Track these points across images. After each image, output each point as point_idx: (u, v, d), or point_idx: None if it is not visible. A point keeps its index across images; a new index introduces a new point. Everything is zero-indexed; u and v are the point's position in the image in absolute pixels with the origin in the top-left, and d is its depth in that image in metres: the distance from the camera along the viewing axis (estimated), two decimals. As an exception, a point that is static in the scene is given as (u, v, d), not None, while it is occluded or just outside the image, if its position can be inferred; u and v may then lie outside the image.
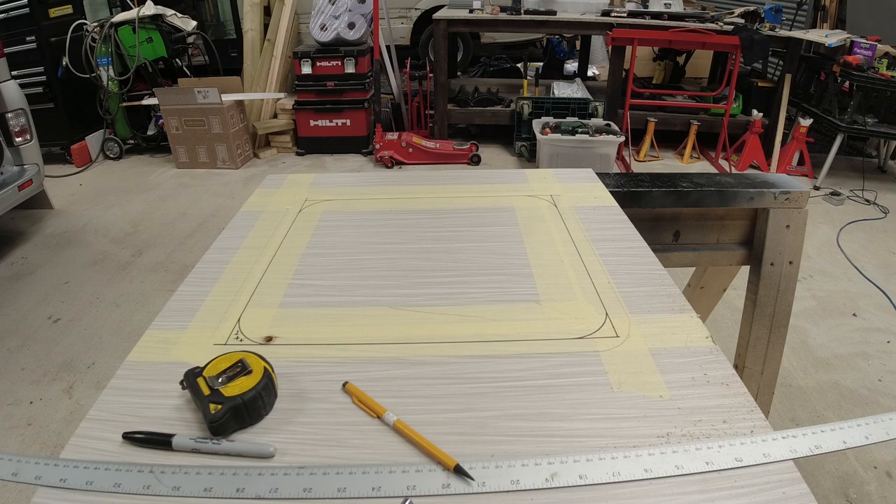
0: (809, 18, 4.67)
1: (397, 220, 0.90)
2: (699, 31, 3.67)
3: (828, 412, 1.82)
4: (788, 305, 1.16)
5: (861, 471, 1.59)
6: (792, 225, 1.11)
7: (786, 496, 0.43)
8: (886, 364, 2.04)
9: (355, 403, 0.53)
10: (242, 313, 0.66)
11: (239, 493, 0.44)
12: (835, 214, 3.25)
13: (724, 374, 0.56)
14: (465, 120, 4.24)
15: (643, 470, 0.45)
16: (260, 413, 0.51)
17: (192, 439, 0.48)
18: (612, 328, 0.63)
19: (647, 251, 0.79)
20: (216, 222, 3.07)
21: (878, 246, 2.91)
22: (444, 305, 0.68)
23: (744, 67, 4.26)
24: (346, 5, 3.84)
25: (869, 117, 3.48)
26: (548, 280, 0.72)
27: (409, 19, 5.58)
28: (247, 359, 0.52)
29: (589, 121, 3.58)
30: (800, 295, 2.11)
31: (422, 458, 0.47)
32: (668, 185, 1.10)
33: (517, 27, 4.04)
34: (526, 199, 0.96)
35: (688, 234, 1.15)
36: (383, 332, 0.63)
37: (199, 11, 5.01)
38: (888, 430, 0.49)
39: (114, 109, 3.87)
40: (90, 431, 0.50)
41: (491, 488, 0.44)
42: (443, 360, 0.58)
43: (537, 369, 0.57)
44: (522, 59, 4.73)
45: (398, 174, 1.13)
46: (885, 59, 3.38)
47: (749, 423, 0.50)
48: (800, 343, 2.15)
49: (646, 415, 0.51)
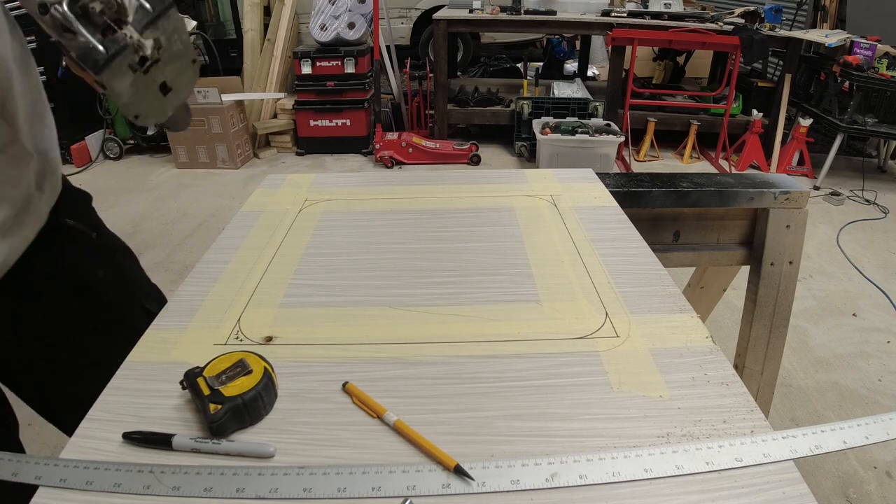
0: (809, 18, 4.67)
1: (397, 220, 0.90)
2: (699, 31, 3.67)
3: (828, 412, 1.82)
4: (788, 305, 1.16)
5: (861, 471, 1.59)
6: (792, 225, 1.11)
7: (786, 496, 0.43)
8: (886, 364, 2.04)
9: (355, 403, 0.53)
10: (242, 313, 0.66)
11: (239, 493, 0.44)
12: (835, 214, 3.25)
13: (724, 374, 0.56)
14: (465, 120, 4.24)
15: (643, 470, 0.45)
16: (260, 413, 0.51)
17: (192, 439, 0.48)
18: (612, 328, 0.63)
19: (647, 251, 0.79)
20: (216, 222, 3.07)
21: (878, 246, 2.91)
22: (444, 305, 0.68)
23: (744, 67, 4.26)
24: (346, 5, 3.84)
25: (869, 117, 3.48)
26: (548, 280, 0.72)
27: (409, 19, 5.58)
28: (247, 359, 0.52)
29: (589, 121, 3.58)
30: (800, 295, 2.11)
31: (422, 458, 0.47)
32: (668, 185, 1.10)
33: (517, 27, 4.04)
34: (526, 199, 0.96)
35: (688, 234, 1.15)
36: (383, 332, 0.63)
37: (199, 11, 5.00)
38: (888, 430, 0.50)
39: (113, 110, 3.87)
40: (90, 431, 0.50)
41: (491, 488, 0.44)
42: (443, 360, 0.58)
43: (537, 369, 0.57)
44: (522, 59, 4.73)
45: (398, 174, 1.13)
46: (885, 59, 3.38)
47: (749, 423, 0.50)
48: (800, 343, 2.15)
49: (646, 415, 0.51)
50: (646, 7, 3.90)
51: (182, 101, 0.65)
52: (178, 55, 0.60)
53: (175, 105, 0.64)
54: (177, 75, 0.61)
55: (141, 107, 0.59)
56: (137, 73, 0.56)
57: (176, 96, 0.63)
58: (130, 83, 0.56)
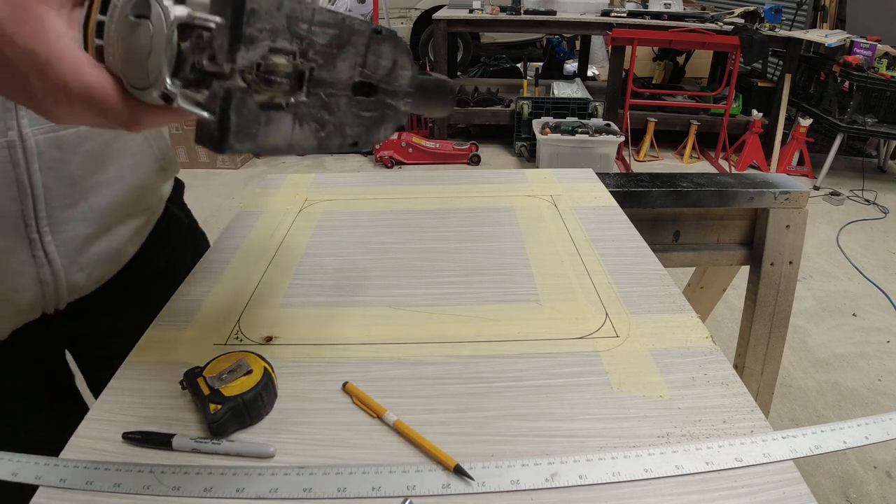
0: (809, 18, 4.67)
1: (397, 220, 0.90)
2: (699, 31, 3.67)
3: (828, 412, 1.82)
4: (788, 305, 1.16)
5: (861, 471, 1.59)
6: (792, 225, 1.11)
7: (786, 496, 0.43)
8: (886, 364, 2.04)
9: (355, 403, 0.53)
10: (242, 313, 0.66)
11: (239, 493, 0.44)
12: (835, 214, 3.25)
13: (724, 374, 0.56)
14: (464, 120, 4.24)
15: (643, 470, 0.45)
16: (260, 413, 0.51)
17: (192, 439, 0.48)
18: (612, 328, 0.63)
19: (647, 251, 0.79)
20: (216, 222, 3.07)
21: (878, 246, 2.91)
22: (443, 305, 0.68)
23: (744, 67, 4.26)
24: (346, 5, 3.84)
25: (869, 117, 3.48)
26: (548, 280, 0.72)
27: (409, 19, 5.58)
28: (247, 359, 0.52)
29: (589, 121, 3.58)
30: (800, 295, 2.11)
31: (422, 458, 0.47)
32: (668, 185, 1.10)
33: (517, 27, 4.04)
34: (526, 199, 0.96)
35: (688, 234, 1.15)
36: (383, 332, 0.63)
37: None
38: (888, 430, 0.50)
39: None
40: (90, 431, 0.50)
41: (491, 488, 0.44)
42: (443, 360, 0.58)
43: (537, 369, 0.57)
44: (522, 59, 4.73)
45: (398, 174, 1.13)
46: (885, 59, 3.38)
47: (749, 423, 0.50)
48: (800, 343, 2.15)
49: (646, 415, 0.51)
50: (646, 7, 3.91)
51: (410, 83, 0.43)
52: (345, 38, 0.37)
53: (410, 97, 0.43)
54: (361, 60, 0.38)
55: (346, 132, 0.39)
56: (288, 109, 0.35)
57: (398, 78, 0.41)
58: (290, 127, 0.36)
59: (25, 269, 0.58)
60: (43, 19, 0.32)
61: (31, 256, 0.58)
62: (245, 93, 0.32)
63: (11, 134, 0.52)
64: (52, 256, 0.59)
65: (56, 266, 0.60)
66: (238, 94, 0.32)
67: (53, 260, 0.60)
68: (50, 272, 0.60)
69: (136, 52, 0.32)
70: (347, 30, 0.36)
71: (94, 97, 0.33)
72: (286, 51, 0.33)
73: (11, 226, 0.55)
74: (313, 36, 0.34)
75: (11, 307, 0.60)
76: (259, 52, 0.32)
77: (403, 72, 0.41)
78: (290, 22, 0.33)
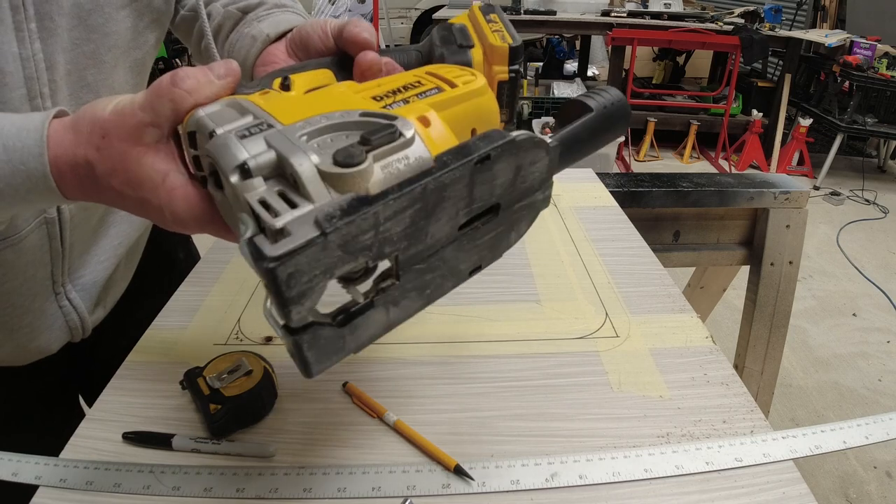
0: (809, 18, 4.67)
1: (397, 220, 0.90)
2: (699, 31, 3.67)
3: (828, 412, 1.82)
4: (788, 305, 1.16)
5: (861, 471, 1.59)
6: (792, 225, 1.11)
7: (786, 496, 0.43)
8: (886, 364, 2.04)
9: (355, 403, 0.53)
10: (242, 313, 0.66)
11: (239, 493, 0.44)
12: (835, 214, 3.25)
13: (724, 374, 0.56)
14: (465, 120, 4.23)
15: (643, 470, 0.45)
16: (260, 413, 0.51)
17: (192, 439, 0.48)
18: (612, 328, 0.63)
19: (647, 251, 0.79)
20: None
21: (878, 246, 2.91)
22: (443, 305, 0.68)
23: (744, 67, 4.26)
24: (346, 5, 3.84)
25: (869, 117, 3.48)
26: (548, 280, 0.72)
27: (409, 19, 5.58)
28: (247, 359, 0.52)
29: (589, 121, 3.57)
30: (800, 295, 2.11)
31: (422, 458, 0.47)
32: (668, 185, 1.10)
33: (517, 27, 4.03)
34: (526, 199, 0.96)
35: (688, 234, 1.15)
36: (383, 332, 0.63)
37: (199, 11, 5.00)
38: (888, 430, 0.50)
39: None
40: (90, 431, 0.50)
41: (491, 488, 0.44)
42: (443, 360, 0.58)
43: (537, 369, 0.57)
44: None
45: (398, 174, 1.12)
46: (885, 59, 3.38)
47: (749, 423, 0.50)
48: (800, 343, 2.15)
49: (646, 415, 0.51)
50: (646, 7, 3.90)
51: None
52: (432, 202, 0.28)
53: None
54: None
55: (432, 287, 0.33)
56: (377, 304, 0.30)
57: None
58: (385, 314, 0.31)
59: (55, 321, 0.61)
60: (142, 162, 0.33)
61: (58, 308, 0.61)
62: (316, 327, 0.28)
63: (52, 210, 0.54)
64: (76, 302, 0.62)
65: (81, 311, 0.63)
66: (307, 336, 0.28)
67: (78, 305, 0.63)
68: (77, 317, 0.63)
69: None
70: (435, 192, 0.28)
71: (205, 228, 0.36)
72: (355, 271, 0.28)
73: (42, 286, 0.58)
74: (385, 233, 0.27)
75: (43, 354, 0.63)
76: (318, 296, 0.27)
77: (534, 167, 0.33)
78: (347, 247, 0.26)
